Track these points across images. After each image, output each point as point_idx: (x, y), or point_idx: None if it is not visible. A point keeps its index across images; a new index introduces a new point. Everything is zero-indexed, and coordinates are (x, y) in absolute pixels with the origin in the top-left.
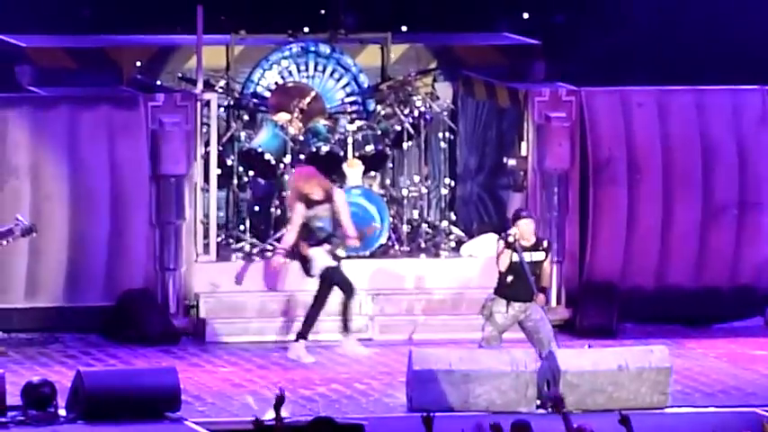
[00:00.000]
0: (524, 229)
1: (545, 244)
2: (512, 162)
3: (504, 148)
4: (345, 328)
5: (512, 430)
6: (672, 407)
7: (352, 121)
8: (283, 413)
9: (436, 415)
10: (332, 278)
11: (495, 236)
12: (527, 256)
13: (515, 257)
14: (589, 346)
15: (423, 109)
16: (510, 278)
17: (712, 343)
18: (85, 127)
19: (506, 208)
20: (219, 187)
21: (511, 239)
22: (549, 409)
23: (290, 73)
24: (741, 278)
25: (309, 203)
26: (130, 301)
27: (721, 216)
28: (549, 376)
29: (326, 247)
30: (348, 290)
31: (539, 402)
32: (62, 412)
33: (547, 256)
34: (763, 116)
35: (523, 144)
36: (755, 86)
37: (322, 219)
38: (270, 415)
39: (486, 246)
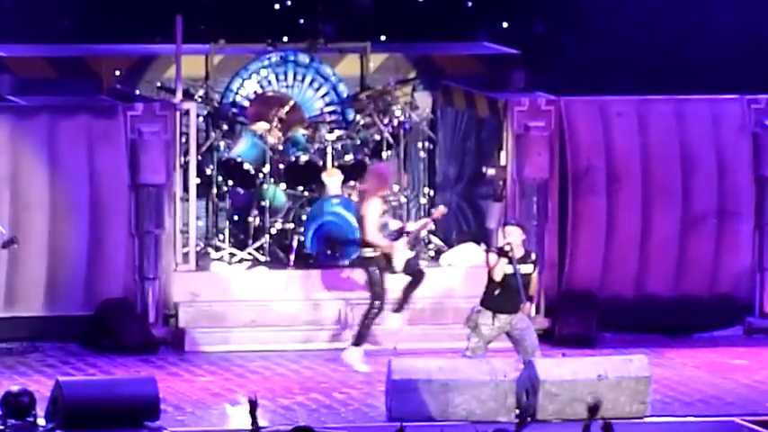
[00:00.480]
0: (516, 238)
1: (533, 257)
2: (491, 171)
3: (484, 157)
4: (399, 307)
5: None
6: (651, 416)
7: (331, 131)
8: (263, 422)
9: (413, 424)
10: (412, 267)
11: (475, 245)
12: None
13: (509, 269)
14: (563, 355)
15: (402, 118)
16: (498, 290)
17: (691, 352)
18: (65, 136)
19: (485, 217)
20: (198, 197)
21: (507, 248)
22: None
23: (269, 82)
24: (720, 287)
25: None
26: (110, 310)
27: (700, 225)
28: (528, 386)
29: (404, 238)
30: (421, 277)
31: (518, 411)
32: (41, 422)
33: (534, 270)
34: (743, 125)
35: (502, 153)
36: (735, 96)
37: (387, 216)
38: (246, 422)
39: (465, 255)
